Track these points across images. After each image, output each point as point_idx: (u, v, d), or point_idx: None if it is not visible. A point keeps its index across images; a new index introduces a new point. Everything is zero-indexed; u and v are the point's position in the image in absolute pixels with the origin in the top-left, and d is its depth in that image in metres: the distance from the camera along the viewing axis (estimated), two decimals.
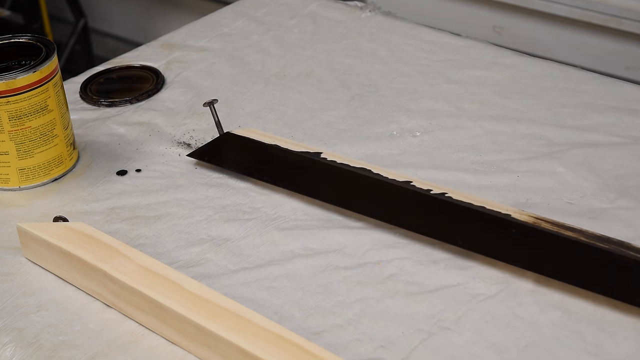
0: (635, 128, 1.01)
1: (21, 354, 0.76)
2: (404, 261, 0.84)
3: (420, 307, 0.78)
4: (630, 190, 0.91)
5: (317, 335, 0.76)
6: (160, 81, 1.15)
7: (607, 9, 1.66)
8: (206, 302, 0.74)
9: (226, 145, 0.99)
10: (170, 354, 0.75)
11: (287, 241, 0.87)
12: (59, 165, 0.97)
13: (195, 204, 0.93)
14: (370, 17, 1.29)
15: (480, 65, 1.16)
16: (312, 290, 0.81)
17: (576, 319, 0.76)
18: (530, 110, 1.06)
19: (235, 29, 1.28)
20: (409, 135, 1.02)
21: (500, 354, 0.73)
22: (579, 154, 0.97)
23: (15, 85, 0.91)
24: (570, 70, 1.14)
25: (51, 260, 0.83)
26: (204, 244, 0.87)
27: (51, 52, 0.94)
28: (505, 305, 0.78)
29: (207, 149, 0.99)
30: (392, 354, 0.74)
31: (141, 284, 0.76)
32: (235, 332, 0.71)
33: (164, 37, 1.27)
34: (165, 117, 1.08)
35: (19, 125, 0.93)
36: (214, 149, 0.99)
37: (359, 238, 0.87)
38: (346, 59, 1.19)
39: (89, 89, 1.14)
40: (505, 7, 1.80)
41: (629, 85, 1.11)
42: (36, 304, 0.81)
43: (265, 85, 1.14)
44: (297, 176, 0.94)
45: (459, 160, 0.97)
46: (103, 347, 0.76)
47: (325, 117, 1.07)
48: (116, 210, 0.92)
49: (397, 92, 1.11)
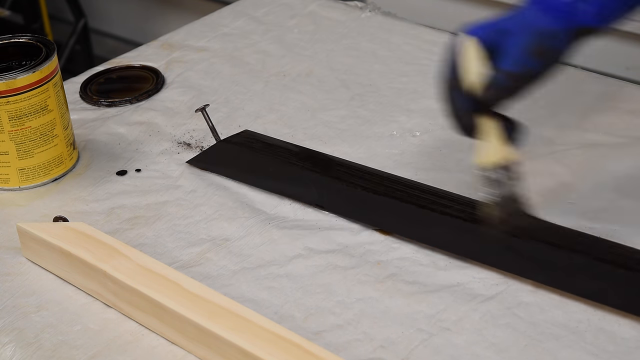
0: (635, 128, 1.01)
1: (21, 354, 0.76)
2: (404, 261, 0.83)
3: (420, 307, 0.78)
4: (630, 190, 0.91)
5: (317, 335, 0.76)
6: (160, 81, 1.15)
7: None
8: (206, 302, 0.74)
9: (224, 152, 0.99)
10: (170, 354, 0.75)
11: (287, 241, 0.87)
12: (59, 165, 0.97)
13: (195, 204, 0.93)
14: (370, 17, 1.29)
15: None
16: (312, 290, 0.81)
17: (576, 319, 0.76)
18: (530, 110, 1.06)
19: (235, 29, 1.28)
20: (409, 135, 1.02)
21: (500, 354, 0.73)
22: (579, 154, 0.97)
23: (15, 85, 0.91)
24: (570, 70, 1.14)
25: (51, 260, 0.83)
26: (204, 244, 0.87)
27: (51, 52, 0.94)
28: (505, 305, 0.78)
29: (205, 156, 0.99)
30: (392, 354, 0.74)
31: (141, 284, 0.76)
32: (235, 332, 0.71)
33: (164, 37, 1.27)
34: (165, 117, 1.08)
35: (19, 125, 0.93)
36: (212, 156, 0.99)
37: (359, 238, 0.87)
38: (346, 59, 1.19)
39: (89, 89, 1.14)
40: (506, 7, 1.80)
41: (629, 85, 1.11)
42: (36, 304, 0.81)
43: (265, 85, 1.14)
44: (297, 187, 0.93)
45: (458, 160, 0.97)
46: (103, 347, 0.76)
47: (325, 117, 1.07)
48: (116, 210, 0.92)
49: (397, 92, 1.11)
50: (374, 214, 0.88)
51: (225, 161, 0.97)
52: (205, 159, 0.98)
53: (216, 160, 0.98)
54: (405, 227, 0.86)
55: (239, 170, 0.96)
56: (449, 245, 0.83)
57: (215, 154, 0.99)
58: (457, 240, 0.84)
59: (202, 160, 0.98)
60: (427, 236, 0.84)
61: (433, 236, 0.84)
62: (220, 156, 0.98)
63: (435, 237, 0.84)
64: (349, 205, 0.90)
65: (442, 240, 0.84)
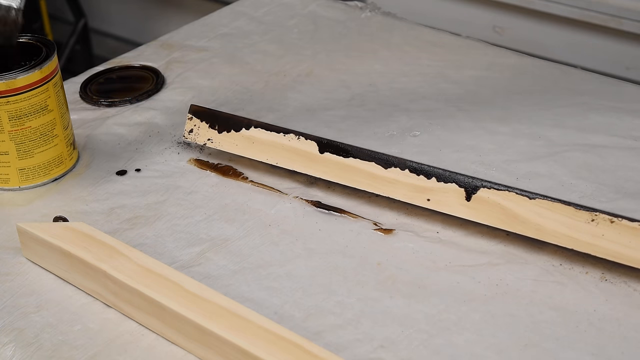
0: (635, 128, 1.01)
1: (21, 354, 0.76)
2: (404, 261, 0.84)
3: (420, 307, 0.78)
4: (630, 190, 0.91)
5: (317, 335, 0.76)
6: (160, 81, 1.15)
7: (607, 9, 1.66)
8: (206, 302, 0.74)
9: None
10: (170, 354, 0.75)
11: (287, 241, 0.87)
12: (59, 165, 0.97)
13: (195, 204, 0.93)
14: (370, 17, 1.29)
15: (480, 65, 1.16)
16: (312, 290, 0.81)
17: (576, 319, 0.76)
18: (530, 110, 1.06)
19: (235, 29, 1.28)
20: (409, 135, 1.02)
21: (500, 354, 0.73)
22: (579, 154, 0.97)
23: (15, 85, 0.91)
24: (570, 70, 1.14)
25: (51, 260, 0.83)
26: (203, 243, 0.87)
27: (51, 52, 0.94)
28: (505, 305, 0.78)
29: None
30: (392, 354, 0.74)
31: (141, 284, 0.76)
32: (235, 332, 0.71)
33: (163, 37, 1.27)
34: (165, 117, 1.08)
35: (19, 125, 0.93)
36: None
37: (359, 238, 0.87)
38: (346, 59, 1.19)
39: (89, 89, 1.14)
40: (505, 7, 1.80)
41: (629, 85, 1.11)
42: (36, 303, 0.81)
43: (265, 85, 1.14)
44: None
45: (458, 160, 0.97)
46: (103, 347, 0.76)
47: (325, 117, 1.07)
48: (116, 210, 0.92)
49: (397, 92, 1.11)
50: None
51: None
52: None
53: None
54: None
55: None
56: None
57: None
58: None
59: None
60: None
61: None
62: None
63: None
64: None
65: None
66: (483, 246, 0.85)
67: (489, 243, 0.85)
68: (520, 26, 1.80)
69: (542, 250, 0.84)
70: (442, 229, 0.87)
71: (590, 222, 0.81)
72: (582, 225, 0.81)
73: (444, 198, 0.87)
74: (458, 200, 0.86)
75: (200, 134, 0.99)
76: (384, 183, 0.90)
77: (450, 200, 0.87)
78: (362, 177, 0.91)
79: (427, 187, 0.88)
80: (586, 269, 0.82)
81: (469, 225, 0.87)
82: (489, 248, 0.85)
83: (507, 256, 0.84)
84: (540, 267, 0.82)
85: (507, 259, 0.83)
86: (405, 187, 0.89)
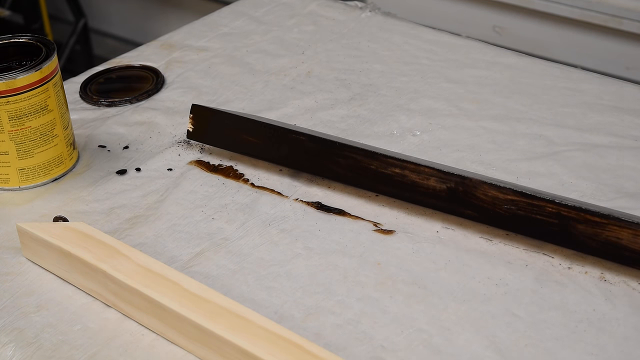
0: (635, 128, 1.01)
1: (21, 354, 0.76)
2: (404, 261, 0.84)
3: (420, 307, 0.78)
4: (630, 190, 0.91)
5: (317, 335, 0.76)
6: (160, 81, 1.15)
7: (607, 9, 1.66)
8: (206, 302, 0.74)
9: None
10: (170, 354, 0.75)
11: (287, 241, 0.87)
12: (59, 165, 0.97)
13: (195, 204, 0.93)
14: (370, 17, 1.29)
15: (480, 65, 1.16)
16: (312, 290, 0.81)
17: (576, 319, 0.76)
18: (530, 110, 1.06)
19: (235, 29, 1.28)
20: (409, 135, 1.02)
21: (500, 354, 0.73)
22: (579, 153, 0.97)
23: (15, 85, 0.91)
24: (570, 70, 1.14)
25: (51, 260, 0.83)
26: (203, 243, 0.87)
27: (51, 52, 0.94)
28: (505, 305, 0.78)
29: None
30: (392, 354, 0.74)
31: (141, 284, 0.76)
32: (235, 332, 0.71)
33: (163, 37, 1.27)
34: (165, 117, 1.08)
35: (19, 125, 0.93)
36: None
37: (359, 238, 0.87)
38: (346, 59, 1.19)
39: (89, 89, 1.14)
40: (505, 7, 1.80)
41: (629, 85, 1.11)
42: (36, 303, 0.81)
43: (265, 85, 1.14)
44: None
45: (458, 160, 0.97)
46: (103, 347, 0.76)
47: (325, 117, 1.07)
48: (116, 210, 0.92)
49: (397, 92, 1.11)
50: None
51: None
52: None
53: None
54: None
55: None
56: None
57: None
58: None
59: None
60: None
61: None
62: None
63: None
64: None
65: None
66: (483, 246, 0.85)
67: (489, 243, 0.85)
68: (520, 26, 1.80)
69: (542, 250, 0.84)
70: (442, 229, 0.87)
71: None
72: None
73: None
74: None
75: (201, 134, 0.99)
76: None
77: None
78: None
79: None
80: (586, 269, 0.82)
81: (469, 225, 0.87)
82: (489, 248, 0.85)
83: (507, 256, 0.84)
84: (540, 267, 0.82)
85: (507, 259, 0.83)
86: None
